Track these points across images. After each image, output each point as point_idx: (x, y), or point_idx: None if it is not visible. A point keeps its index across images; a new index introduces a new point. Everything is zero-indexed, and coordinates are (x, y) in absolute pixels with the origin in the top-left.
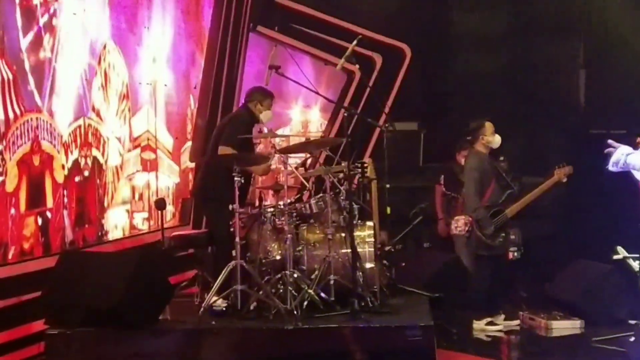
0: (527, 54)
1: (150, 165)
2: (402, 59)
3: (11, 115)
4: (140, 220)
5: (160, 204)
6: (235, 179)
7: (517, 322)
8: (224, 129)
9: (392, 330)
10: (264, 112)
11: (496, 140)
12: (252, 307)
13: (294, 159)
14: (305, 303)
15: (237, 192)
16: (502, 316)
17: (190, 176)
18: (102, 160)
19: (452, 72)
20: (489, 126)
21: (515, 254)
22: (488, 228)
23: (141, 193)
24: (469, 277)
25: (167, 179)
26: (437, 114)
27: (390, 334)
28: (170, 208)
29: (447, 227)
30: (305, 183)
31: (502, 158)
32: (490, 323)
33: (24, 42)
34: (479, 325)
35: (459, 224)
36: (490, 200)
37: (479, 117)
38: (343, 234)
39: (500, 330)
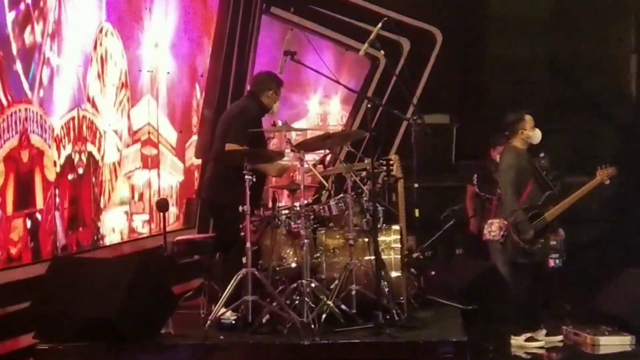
0: (572, 38)
1: (151, 162)
2: (432, 44)
3: None
4: (140, 223)
5: (163, 205)
6: (247, 177)
7: (560, 337)
8: (231, 123)
9: (420, 347)
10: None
11: (536, 135)
12: (264, 320)
13: (312, 156)
14: (324, 316)
15: (248, 192)
16: (544, 331)
17: (196, 174)
18: (98, 157)
19: (488, 59)
20: (528, 119)
21: (557, 261)
22: (526, 233)
23: (141, 193)
24: (506, 288)
25: (170, 177)
26: (471, 106)
27: (418, 350)
28: (173, 209)
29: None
30: (324, 182)
31: (542, 155)
32: (530, 339)
33: (9, 18)
34: (517, 341)
35: (493, 229)
36: (528, 201)
37: (517, 109)
38: (366, 239)
39: (541, 347)
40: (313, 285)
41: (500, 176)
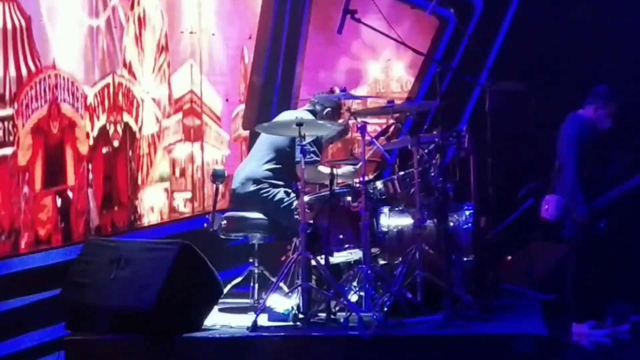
0: None
1: (194, 134)
2: (507, 2)
3: (24, 72)
4: (182, 202)
5: (219, 176)
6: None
7: (627, 327)
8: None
9: (495, 341)
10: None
11: (608, 123)
12: (320, 310)
13: (373, 127)
14: (387, 306)
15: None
16: (610, 319)
17: (244, 147)
18: (135, 128)
19: (572, 19)
20: (615, 106)
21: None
22: (586, 211)
23: (183, 168)
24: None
25: (215, 150)
26: (552, 72)
27: (493, 345)
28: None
29: None
30: (387, 156)
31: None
32: (595, 327)
33: None
34: (580, 329)
35: (550, 207)
36: (590, 177)
37: (606, 77)
38: (434, 220)
39: (607, 336)
40: (375, 271)
41: (561, 148)
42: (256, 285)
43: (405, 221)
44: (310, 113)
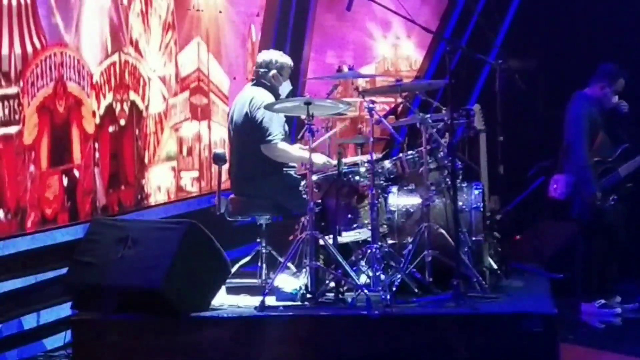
0: None
1: (201, 113)
2: None
3: (29, 49)
4: (189, 181)
5: (220, 158)
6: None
7: (638, 305)
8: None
9: (504, 320)
10: (284, 83)
11: (614, 100)
12: (328, 290)
13: (381, 106)
14: (396, 285)
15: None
16: (618, 298)
17: None
18: (141, 106)
19: None
20: (621, 84)
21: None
22: (595, 190)
23: (190, 147)
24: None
25: (223, 129)
26: (562, 50)
27: (501, 324)
28: (224, 166)
29: None
30: (396, 135)
31: (623, 103)
32: (603, 306)
33: None
34: (589, 308)
35: (559, 186)
36: (598, 155)
37: (616, 55)
38: (443, 199)
39: (616, 315)
40: (383, 250)
41: (568, 127)
42: (264, 265)
43: (414, 200)
44: (260, 85)
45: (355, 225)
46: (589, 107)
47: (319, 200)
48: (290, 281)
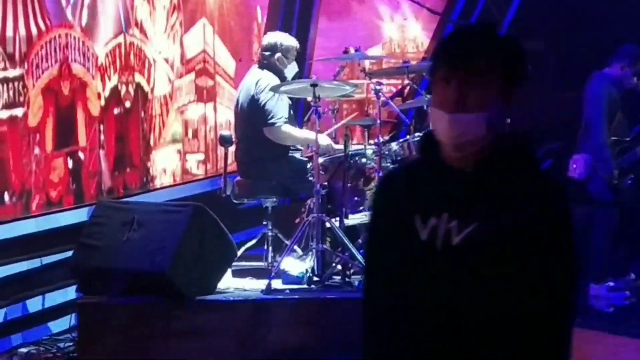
0: None
1: (207, 95)
2: None
3: (34, 31)
4: (195, 164)
5: (226, 140)
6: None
7: None
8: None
9: None
10: (289, 65)
11: (632, 82)
12: (334, 272)
13: (388, 87)
14: None
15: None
16: (632, 275)
17: None
18: (147, 88)
19: None
20: None
21: None
22: (613, 169)
23: (196, 129)
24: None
25: (228, 111)
26: (570, 31)
27: None
28: (230, 148)
29: None
30: (403, 117)
31: (636, 79)
32: (613, 289)
33: None
34: (598, 291)
35: (579, 166)
36: (616, 134)
37: (626, 36)
38: None
39: (628, 298)
40: None
41: (588, 107)
42: (270, 248)
43: None
44: (265, 68)
45: (361, 208)
46: (609, 87)
47: (326, 183)
48: (297, 264)
